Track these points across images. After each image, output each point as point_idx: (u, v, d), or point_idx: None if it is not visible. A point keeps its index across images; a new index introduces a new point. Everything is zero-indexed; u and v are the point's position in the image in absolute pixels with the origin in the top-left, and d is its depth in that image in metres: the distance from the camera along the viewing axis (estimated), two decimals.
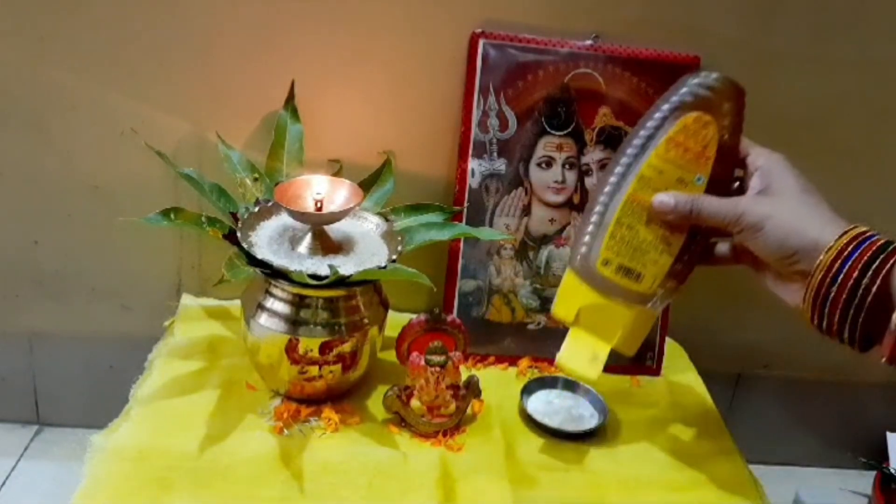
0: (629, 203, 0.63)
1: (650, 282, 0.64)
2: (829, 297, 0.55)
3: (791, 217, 0.59)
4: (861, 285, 0.54)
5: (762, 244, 0.59)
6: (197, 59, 0.83)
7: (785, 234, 0.58)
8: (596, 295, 0.65)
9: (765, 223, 0.59)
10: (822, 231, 0.57)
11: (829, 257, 0.55)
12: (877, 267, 0.53)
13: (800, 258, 0.57)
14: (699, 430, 0.80)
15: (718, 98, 0.62)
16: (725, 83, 0.63)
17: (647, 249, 0.64)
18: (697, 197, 0.62)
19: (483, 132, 0.83)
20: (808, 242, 0.57)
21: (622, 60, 0.82)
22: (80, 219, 0.89)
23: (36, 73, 0.83)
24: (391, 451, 0.72)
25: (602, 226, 0.64)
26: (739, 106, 0.64)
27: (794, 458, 1.09)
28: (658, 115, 0.63)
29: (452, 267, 0.85)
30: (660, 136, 0.63)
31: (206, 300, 0.90)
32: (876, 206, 0.93)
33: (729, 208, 0.61)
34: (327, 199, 0.74)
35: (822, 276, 0.55)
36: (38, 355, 0.98)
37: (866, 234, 0.56)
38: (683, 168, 0.63)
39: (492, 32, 0.81)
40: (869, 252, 0.54)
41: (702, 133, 0.62)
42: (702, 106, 0.62)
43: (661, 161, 0.63)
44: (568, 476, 0.72)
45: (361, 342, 0.74)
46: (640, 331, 0.67)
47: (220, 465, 0.68)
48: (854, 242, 0.55)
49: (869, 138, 0.90)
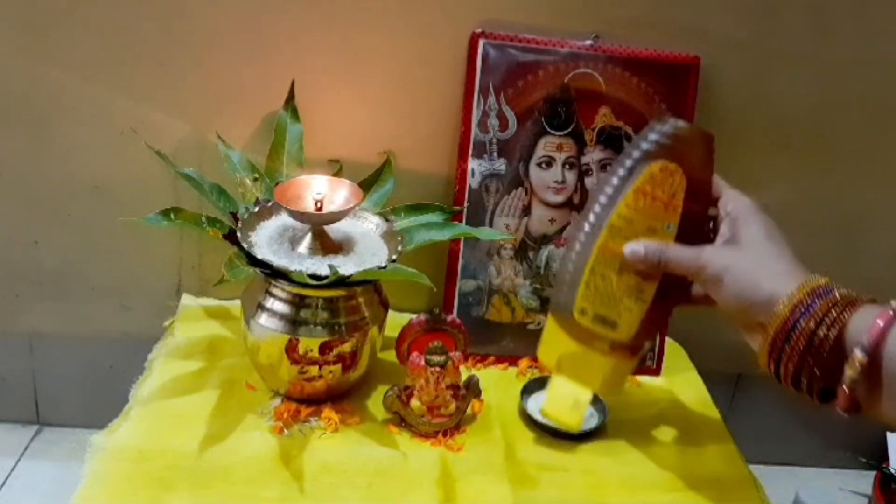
0: (601, 252, 0.63)
1: (626, 329, 0.64)
2: (783, 350, 0.55)
3: (749, 269, 0.58)
4: (816, 339, 0.53)
5: (721, 295, 0.59)
6: (197, 59, 0.83)
7: (742, 287, 0.58)
8: (575, 343, 0.65)
9: (724, 275, 0.58)
10: (777, 284, 0.56)
11: (784, 311, 0.55)
12: (832, 319, 0.53)
13: (756, 311, 0.57)
14: (699, 430, 0.80)
15: (684, 146, 0.62)
16: (690, 131, 0.62)
17: (621, 297, 0.63)
18: (666, 246, 0.62)
19: (483, 132, 0.83)
20: (764, 296, 0.56)
21: (622, 60, 0.82)
22: (80, 219, 0.89)
23: (36, 73, 0.83)
24: (391, 451, 0.72)
25: (577, 274, 0.64)
26: (708, 151, 0.63)
27: (794, 458, 1.09)
28: (627, 163, 0.63)
29: (452, 267, 0.85)
30: (627, 186, 0.62)
31: (206, 300, 0.90)
32: (876, 206, 0.94)
33: (693, 259, 0.61)
34: (327, 199, 0.74)
35: (776, 330, 0.55)
36: (38, 355, 0.98)
37: (822, 287, 0.55)
38: (653, 217, 0.62)
39: (492, 32, 0.81)
40: (825, 306, 0.54)
41: (668, 182, 0.62)
42: (667, 154, 0.61)
43: (630, 211, 0.62)
44: (568, 476, 0.72)
45: (361, 342, 0.74)
46: (621, 376, 0.67)
47: (220, 465, 0.68)
48: (810, 296, 0.54)
49: (869, 138, 0.90)
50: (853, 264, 0.95)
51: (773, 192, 0.91)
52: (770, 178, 0.90)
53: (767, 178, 0.90)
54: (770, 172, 0.90)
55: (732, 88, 0.86)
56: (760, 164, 0.90)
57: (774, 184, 0.91)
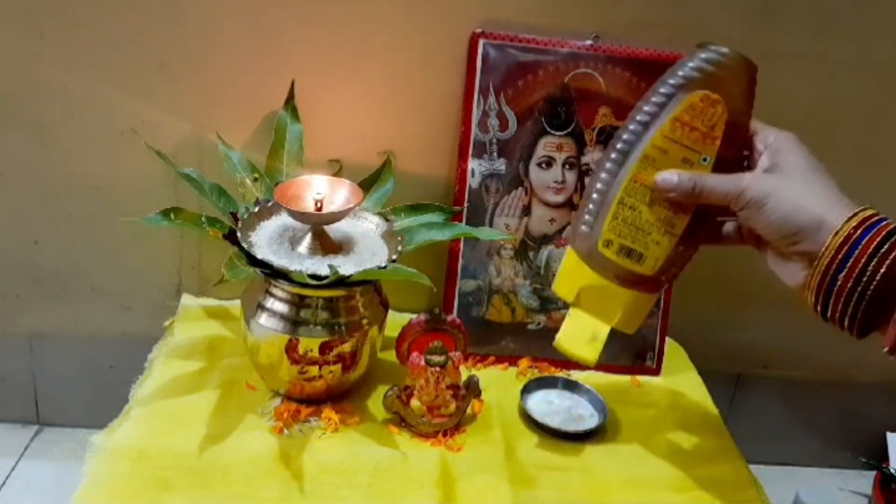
0: (632, 183, 0.61)
1: (652, 263, 0.62)
2: (835, 283, 0.53)
3: (796, 194, 0.56)
4: (867, 272, 0.52)
5: (764, 221, 0.57)
6: (197, 59, 0.83)
7: (788, 211, 0.56)
8: (596, 276, 0.64)
9: (767, 199, 0.56)
10: (827, 211, 0.55)
11: (836, 241, 0.53)
12: (884, 252, 0.52)
13: (802, 238, 0.55)
14: (699, 430, 0.80)
15: (728, 75, 0.60)
16: (737, 59, 0.60)
17: (650, 230, 0.62)
18: (701, 175, 0.60)
19: (483, 132, 0.83)
20: (812, 222, 0.55)
21: (622, 60, 0.82)
22: (80, 219, 0.89)
23: (36, 73, 0.83)
24: (391, 451, 0.72)
25: (604, 205, 0.62)
26: (751, 84, 0.61)
27: (794, 458, 1.09)
28: (664, 91, 0.61)
29: (452, 267, 0.85)
30: (665, 114, 0.60)
31: (206, 300, 0.90)
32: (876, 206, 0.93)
33: (732, 184, 0.59)
34: (327, 199, 0.74)
35: (828, 262, 0.53)
36: (38, 355, 0.98)
37: (874, 218, 0.54)
38: (689, 148, 0.60)
39: (492, 32, 0.81)
40: (878, 237, 0.52)
41: (709, 112, 0.60)
42: (710, 83, 0.59)
43: (665, 141, 0.60)
44: (568, 476, 0.72)
45: (361, 342, 0.74)
46: (641, 310, 0.65)
47: (220, 465, 0.68)
48: (862, 227, 0.53)
49: (869, 138, 0.90)
50: None
51: None
52: None
53: None
54: None
55: None
56: None
57: None
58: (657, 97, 0.61)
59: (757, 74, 0.61)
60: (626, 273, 0.63)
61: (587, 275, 0.64)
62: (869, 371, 1.03)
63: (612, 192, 0.62)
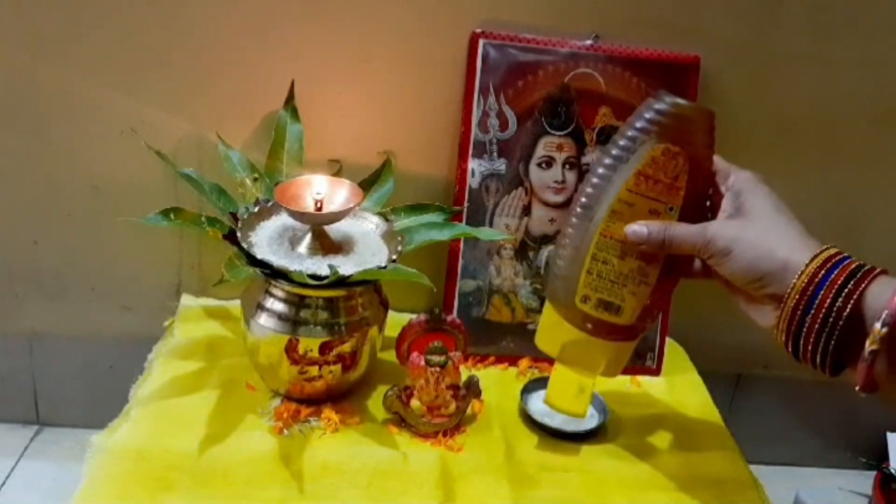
0: (602, 237, 0.62)
1: (630, 314, 0.64)
2: (803, 324, 0.54)
3: (760, 240, 0.57)
4: (833, 311, 0.52)
5: (731, 269, 0.58)
6: (197, 59, 0.83)
7: (753, 257, 0.57)
8: (576, 331, 0.65)
9: (732, 247, 0.57)
10: (792, 253, 0.55)
11: (801, 282, 0.54)
12: (849, 291, 0.52)
13: (768, 282, 0.56)
14: (699, 430, 0.80)
15: (686, 125, 0.60)
16: (691, 109, 0.61)
17: (625, 282, 0.63)
18: (669, 225, 0.61)
19: (483, 132, 0.83)
20: (778, 266, 0.55)
21: (622, 60, 0.82)
22: (80, 219, 0.89)
23: (36, 73, 0.83)
24: (391, 451, 0.72)
25: (576, 260, 0.63)
26: (710, 130, 0.62)
27: (794, 458, 1.09)
28: (623, 144, 0.61)
29: (452, 267, 0.85)
30: (628, 168, 0.61)
31: (206, 300, 0.90)
32: (876, 206, 0.94)
33: (698, 235, 0.60)
34: (327, 199, 0.74)
35: (794, 303, 0.54)
36: (38, 355, 0.98)
37: (838, 257, 0.54)
38: (655, 200, 0.61)
39: (492, 32, 0.81)
40: (842, 276, 0.53)
41: (671, 164, 0.60)
42: (668, 135, 0.60)
43: (631, 195, 0.61)
44: (568, 476, 0.72)
45: (361, 342, 0.74)
46: (623, 357, 0.67)
47: (220, 465, 0.68)
48: (826, 266, 0.54)
49: (869, 138, 0.90)
50: None
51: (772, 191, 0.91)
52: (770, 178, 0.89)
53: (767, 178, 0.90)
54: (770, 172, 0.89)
55: (732, 88, 0.86)
56: (760, 164, 0.89)
57: (774, 184, 0.90)
58: (617, 150, 0.62)
59: (714, 121, 0.61)
60: (606, 326, 0.64)
61: (567, 330, 0.65)
62: None
63: (584, 247, 0.63)
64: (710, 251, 0.59)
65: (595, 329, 0.64)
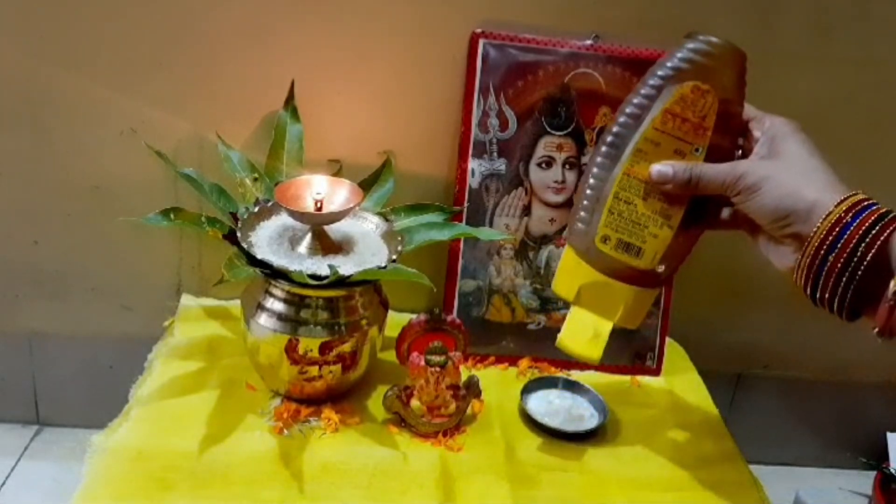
0: (625, 177, 0.61)
1: (651, 256, 0.62)
2: (825, 264, 0.54)
3: (790, 179, 0.57)
4: (857, 254, 0.52)
5: (758, 205, 0.57)
6: (197, 58, 0.83)
7: (782, 195, 0.56)
8: (595, 273, 0.63)
9: (762, 184, 0.57)
10: (820, 195, 0.55)
11: (826, 224, 0.53)
12: (874, 234, 0.52)
13: (794, 220, 0.55)
14: (699, 430, 0.80)
15: (717, 64, 0.59)
16: (725, 47, 0.59)
17: (647, 223, 0.62)
18: (696, 164, 0.60)
19: (483, 132, 0.83)
20: (805, 205, 0.55)
21: (622, 60, 0.82)
22: (80, 219, 0.89)
23: (36, 73, 0.83)
24: (391, 451, 0.72)
25: (599, 201, 0.62)
26: (741, 71, 0.60)
27: (794, 458, 1.09)
28: (652, 83, 0.61)
29: (452, 267, 0.85)
30: (655, 106, 0.60)
31: (206, 300, 0.90)
32: None
33: (728, 172, 0.59)
34: (327, 199, 0.74)
35: (818, 243, 0.54)
36: (38, 355, 0.98)
37: (866, 202, 0.54)
38: (681, 140, 0.60)
39: (492, 32, 0.81)
40: (868, 220, 0.53)
41: (700, 103, 0.59)
42: (700, 74, 0.59)
43: (657, 134, 0.60)
44: (568, 476, 0.72)
45: (361, 342, 0.74)
46: (642, 305, 0.65)
47: (220, 465, 0.68)
48: (853, 210, 0.53)
49: (869, 138, 0.90)
50: None
51: None
52: None
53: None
54: None
55: None
56: None
57: None
58: (646, 89, 0.61)
59: (746, 62, 0.60)
60: (626, 268, 0.63)
61: (586, 272, 0.64)
62: (868, 371, 1.02)
63: (607, 188, 0.62)
64: (738, 187, 0.58)
65: (614, 271, 0.63)
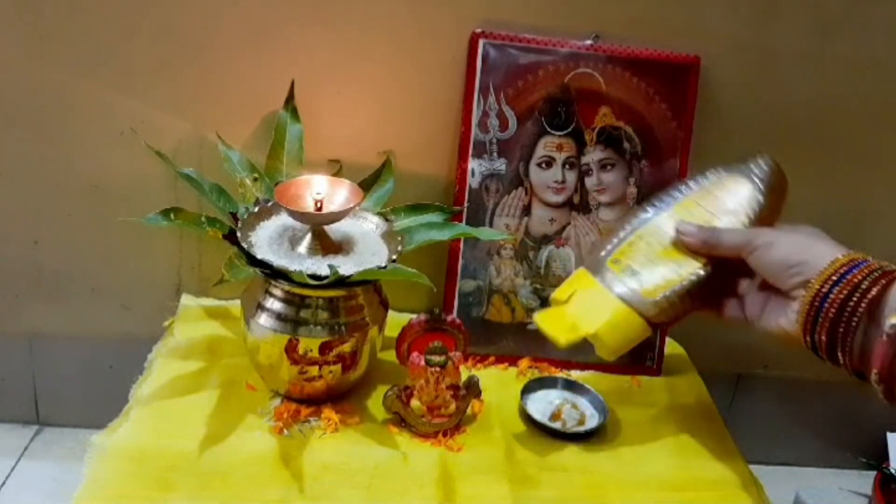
0: (654, 228, 0.67)
1: (652, 289, 0.65)
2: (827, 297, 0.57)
3: (802, 238, 0.62)
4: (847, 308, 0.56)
5: (771, 257, 0.61)
6: (197, 58, 0.83)
7: (793, 249, 0.61)
8: (595, 281, 0.67)
9: (775, 241, 0.62)
10: (830, 249, 0.59)
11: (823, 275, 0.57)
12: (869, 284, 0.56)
13: (804, 269, 0.59)
14: (699, 431, 0.80)
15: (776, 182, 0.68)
16: (780, 173, 0.68)
17: (658, 263, 0.66)
18: (718, 228, 0.66)
19: (483, 132, 0.83)
20: (814, 255, 0.59)
21: (622, 60, 0.82)
22: (80, 219, 0.89)
23: (36, 73, 0.83)
24: (391, 451, 0.72)
25: (623, 239, 0.68)
26: (783, 198, 0.69)
27: (794, 458, 1.09)
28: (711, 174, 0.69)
29: (452, 267, 0.85)
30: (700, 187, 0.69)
31: (206, 300, 0.90)
32: (876, 206, 0.94)
33: (746, 233, 0.65)
34: (327, 199, 0.74)
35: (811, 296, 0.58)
36: (38, 355, 0.98)
37: (866, 258, 0.58)
38: (713, 214, 0.67)
39: (492, 32, 0.82)
40: (859, 276, 0.56)
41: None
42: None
43: (694, 204, 0.68)
44: (568, 476, 0.72)
45: (361, 342, 0.74)
46: (624, 335, 0.67)
47: (220, 465, 0.68)
48: (846, 266, 0.57)
49: (869, 138, 0.90)
50: None
51: None
52: None
53: None
54: None
55: (732, 88, 0.86)
56: None
57: None
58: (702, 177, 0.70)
59: (787, 190, 0.69)
60: (626, 289, 0.66)
61: (587, 280, 0.68)
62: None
63: (634, 229, 0.68)
64: (754, 245, 0.63)
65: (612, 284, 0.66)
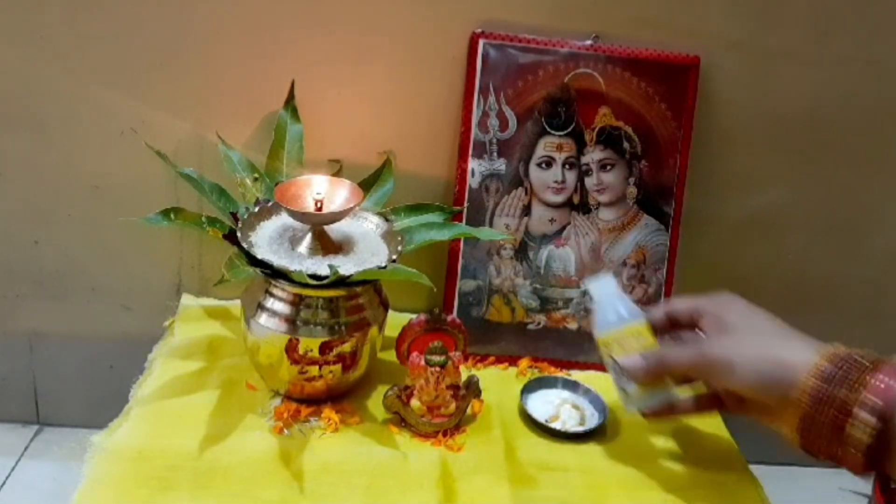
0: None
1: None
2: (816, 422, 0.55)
3: (758, 348, 0.58)
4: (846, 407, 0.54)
5: (737, 382, 0.58)
6: (197, 59, 0.83)
7: (758, 366, 0.57)
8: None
9: (733, 360, 0.58)
10: (796, 354, 0.56)
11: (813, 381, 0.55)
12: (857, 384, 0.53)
13: (782, 386, 0.56)
14: (699, 430, 0.80)
15: None
16: None
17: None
18: (663, 349, 0.64)
19: (483, 132, 0.83)
20: (788, 368, 0.56)
21: (622, 60, 0.82)
22: (80, 219, 0.89)
23: (36, 73, 0.83)
24: (391, 451, 0.72)
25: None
26: None
27: (794, 458, 1.09)
28: None
29: (452, 267, 0.85)
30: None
31: (206, 300, 0.90)
32: (876, 206, 0.94)
33: (693, 353, 0.61)
34: (327, 199, 0.74)
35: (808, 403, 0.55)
36: (38, 355, 0.98)
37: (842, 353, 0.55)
38: None
39: (492, 32, 0.81)
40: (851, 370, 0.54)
41: None
42: None
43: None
44: (568, 476, 0.72)
45: (361, 342, 0.74)
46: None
47: (220, 465, 0.68)
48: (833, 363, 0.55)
49: (869, 138, 0.90)
50: (853, 264, 0.95)
51: (773, 192, 0.91)
52: (770, 178, 0.90)
53: (767, 178, 0.90)
54: (770, 172, 0.90)
55: (732, 88, 0.86)
56: (760, 164, 0.90)
57: (774, 184, 0.91)
58: None
59: None
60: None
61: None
62: None
63: None
64: (710, 368, 0.60)
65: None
